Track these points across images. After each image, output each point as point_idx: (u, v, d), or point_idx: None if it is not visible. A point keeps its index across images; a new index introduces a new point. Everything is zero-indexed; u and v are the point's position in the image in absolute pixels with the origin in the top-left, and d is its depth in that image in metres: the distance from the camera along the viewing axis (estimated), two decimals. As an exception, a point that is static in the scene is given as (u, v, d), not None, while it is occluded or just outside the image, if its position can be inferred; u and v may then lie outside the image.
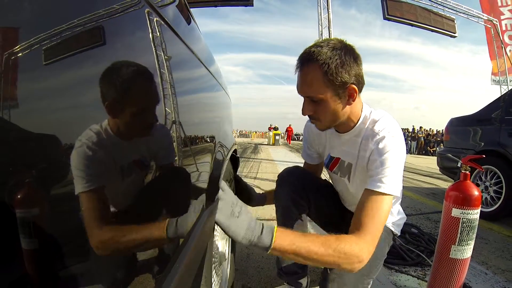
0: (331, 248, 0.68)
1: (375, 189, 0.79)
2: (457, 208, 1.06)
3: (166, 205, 0.51)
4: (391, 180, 0.79)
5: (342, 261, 0.69)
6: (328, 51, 0.79)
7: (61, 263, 0.27)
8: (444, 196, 1.13)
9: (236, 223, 0.66)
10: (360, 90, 0.85)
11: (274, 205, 1.13)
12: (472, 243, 1.09)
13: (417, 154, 14.33)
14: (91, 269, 0.31)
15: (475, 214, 1.06)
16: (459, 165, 1.13)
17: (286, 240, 0.67)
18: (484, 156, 1.31)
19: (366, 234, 0.73)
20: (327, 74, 0.79)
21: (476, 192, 1.07)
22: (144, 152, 0.44)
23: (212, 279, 0.83)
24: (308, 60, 0.80)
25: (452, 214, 1.07)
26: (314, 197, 1.09)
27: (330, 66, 0.78)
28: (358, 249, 0.70)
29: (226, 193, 0.69)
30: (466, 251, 1.08)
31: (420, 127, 16.21)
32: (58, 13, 0.29)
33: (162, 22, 0.56)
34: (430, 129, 16.00)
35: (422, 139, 15.20)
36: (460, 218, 1.06)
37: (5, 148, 0.22)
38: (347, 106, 0.85)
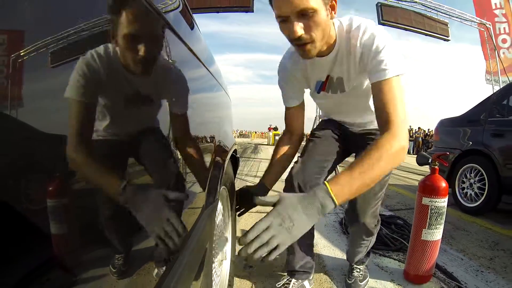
0: (379, 161, 0.67)
1: (381, 79, 0.78)
2: (426, 197, 1.23)
3: (166, 205, 0.51)
4: (391, 61, 0.78)
5: (394, 162, 0.70)
6: None
7: (58, 263, 0.27)
8: (417, 188, 1.30)
9: (299, 228, 0.60)
10: None
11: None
12: (440, 228, 1.26)
13: (415, 154, 14.49)
14: (91, 268, 0.31)
15: (442, 202, 1.23)
16: (429, 161, 1.30)
17: (344, 189, 0.64)
18: (448, 153, 1.48)
19: (395, 124, 0.73)
20: None
21: (443, 183, 1.24)
22: (144, 152, 0.44)
23: (212, 279, 0.84)
24: None
25: (423, 202, 1.24)
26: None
27: None
28: (397, 142, 0.70)
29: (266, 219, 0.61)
30: (436, 234, 1.25)
31: (418, 128, 16.39)
32: (63, 16, 0.30)
33: (166, 25, 0.58)
34: (428, 129, 16.16)
35: (420, 140, 15.37)
36: (429, 205, 1.23)
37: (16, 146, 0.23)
38: (330, 20, 0.80)
